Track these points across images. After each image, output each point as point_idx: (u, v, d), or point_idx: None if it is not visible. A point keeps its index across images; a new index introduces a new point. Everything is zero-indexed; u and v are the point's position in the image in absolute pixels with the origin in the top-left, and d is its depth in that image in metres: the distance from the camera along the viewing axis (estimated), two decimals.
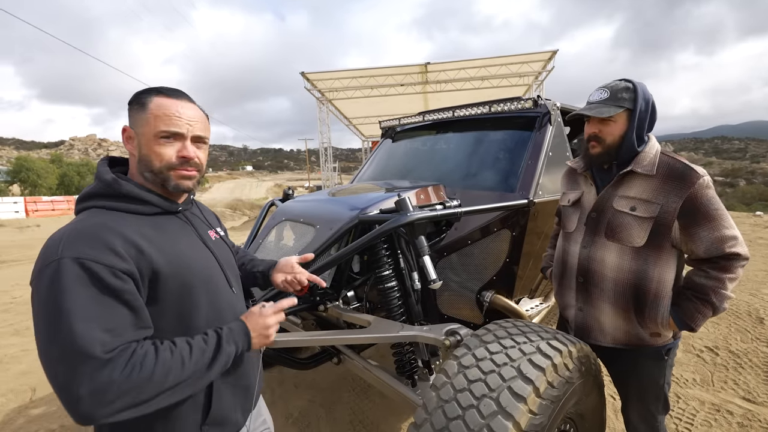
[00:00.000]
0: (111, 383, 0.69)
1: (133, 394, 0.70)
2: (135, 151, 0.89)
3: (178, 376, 0.76)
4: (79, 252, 0.73)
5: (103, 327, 0.71)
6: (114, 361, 0.70)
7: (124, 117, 0.94)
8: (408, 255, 1.76)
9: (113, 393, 0.69)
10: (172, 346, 0.79)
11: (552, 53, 14.46)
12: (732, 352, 3.06)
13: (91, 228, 0.78)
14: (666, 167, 1.28)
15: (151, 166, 0.88)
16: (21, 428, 2.43)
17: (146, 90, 0.90)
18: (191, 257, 0.92)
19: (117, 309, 0.74)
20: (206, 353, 0.82)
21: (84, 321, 0.69)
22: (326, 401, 2.58)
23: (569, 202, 1.54)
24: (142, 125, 0.87)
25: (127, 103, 0.91)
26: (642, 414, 1.47)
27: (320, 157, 20.17)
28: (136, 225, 0.84)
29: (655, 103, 1.35)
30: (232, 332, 0.89)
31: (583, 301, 1.46)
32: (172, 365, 0.76)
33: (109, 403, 0.68)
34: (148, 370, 0.72)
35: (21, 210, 18.42)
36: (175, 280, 0.85)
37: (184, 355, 0.79)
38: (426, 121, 2.85)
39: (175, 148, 0.89)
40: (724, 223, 1.21)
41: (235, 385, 0.99)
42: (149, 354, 0.75)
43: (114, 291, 0.74)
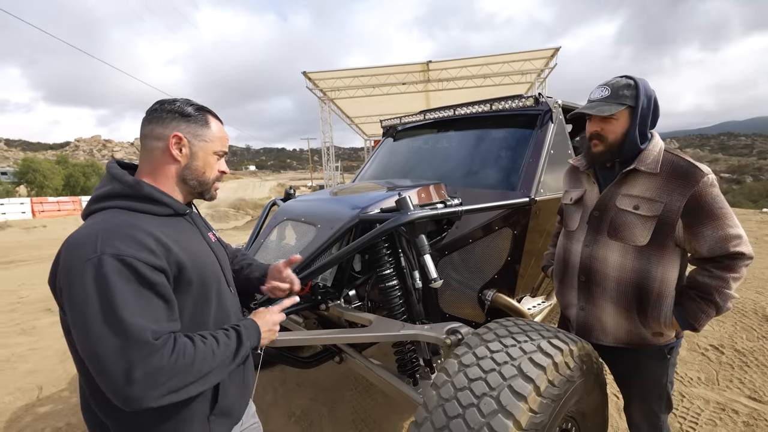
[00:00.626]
0: (161, 368, 0.75)
1: (177, 379, 0.78)
2: (183, 160, 0.97)
3: (211, 364, 0.84)
4: (118, 249, 0.78)
5: (148, 317, 0.77)
6: (163, 348, 0.77)
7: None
8: (409, 254, 1.76)
9: (163, 377, 0.75)
10: (203, 339, 0.87)
11: (554, 50, 14.38)
12: (737, 350, 3.04)
13: (123, 227, 0.83)
14: (670, 165, 1.27)
15: (201, 176, 1.00)
16: (28, 426, 2.46)
17: (199, 107, 1.01)
18: (204, 257, 0.99)
19: (156, 302, 0.80)
20: (230, 347, 0.90)
21: (133, 311, 0.75)
22: (329, 400, 2.59)
23: (571, 200, 1.53)
24: (204, 140, 0.99)
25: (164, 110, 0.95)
26: (645, 413, 1.47)
27: (322, 156, 20.20)
28: (156, 225, 0.89)
29: (657, 100, 1.33)
30: (247, 329, 0.98)
31: (585, 300, 1.45)
32: (207, 354, 0.84)
33: (159, 386, 0.75)
34: (190, 357, 0.80)
35: (27, 211, 18.59)
36: (194, 278, 0.91)
37: (214, 347, 0.86)
38: (427, 120, 2.85)
39: (218, 164, 1.04)
40: (729, 221, 1.20)
41: (238, 379, 1.05)
42: (188, 343, 0.82)
43: (152, 285, 0.80)
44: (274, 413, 2.46)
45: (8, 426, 2.48)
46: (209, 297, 0.97)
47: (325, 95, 17.56)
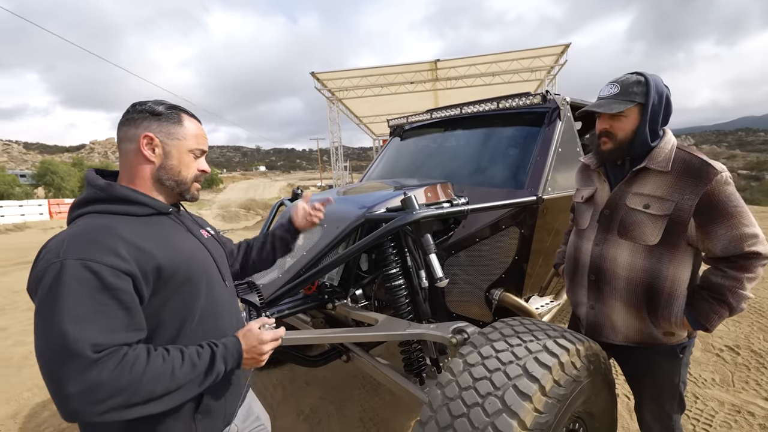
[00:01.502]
0: (99, 383, 0.70)
1: (122, 396, 0.72)
2: (157, 160, 0.95)
3: (167, 385, 0.78)
4: (81, 253, 0.76)
5: (97, 327, 0.73)
6: (104, 362, 0.72)
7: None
8: (415, 253, 1.76)
9: (102, 393, 0.70)
10: (165, 354, 0.81)
11: (564, 47, 14.18)
12: (754, 351, 2.96)
13: (92, 231, 0.82)
14: (682, 163, 1.24)
15: (177, 176, 0.98)
16: (45, 422, 2.53)
17: (171, 105, 0.99)
18: (188, 252, 0.96)
19: (113, 309, 0.76)
20: (197, 368, 0.84)
21: (77, 321, 0.71)
22: (337, 398, 2.61)
23: (582, 198, 1.51)
24: (177, 138, 0.96)
25: (135, 110, 0.94)
26: (657, 413, 1.44)
27: (331, 156, 20.29)
28: (133, 226, 0.88)
29: (669, 96, 1.30)
30: (226, 350, 0.91)
31: (595, 299, 1.43)
32: (162, 372, 0.78)
33: (98, 402, 0.70)
34: (138, 373, 0.74)
35: (45, 212, 19.09)
36: (177, 275, 0.89)
37: (175, 365, 0.80)
38: (434, 119, 2.84)
39: (196, 163, 1.02)
40: (744, 220, 1.16)
41: (224, 378, 1.00)
42: (140, 358, 0.76)
43: (113, 291, 0.76)
44: (282, 411, 2.49)
45: (27, 421, 2.55)
46: (196, 291, 0.94)
47: (334, 95, 17.62)
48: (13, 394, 2.88)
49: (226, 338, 0.95)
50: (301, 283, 1.65)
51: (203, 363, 0.85)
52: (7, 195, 24.55)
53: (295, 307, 1.73)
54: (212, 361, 0.87)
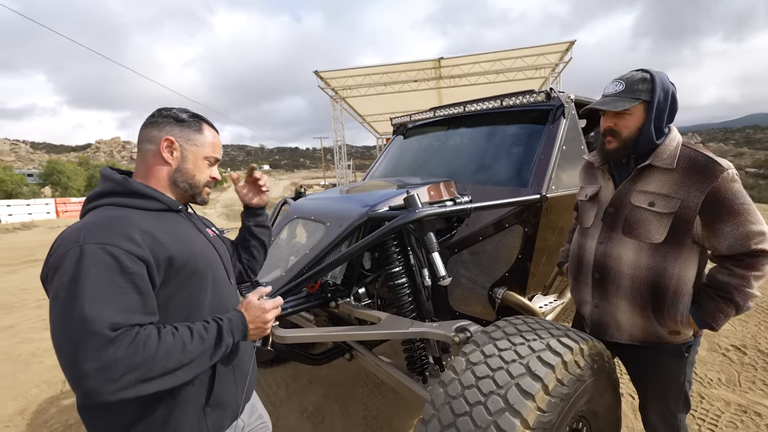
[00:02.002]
0: (116, 361, 0.73)
1: (137, 373, 0.75)
2: (174, 162, 1.00)
3: (180, 359, 0.81)
4: (100, 239, 0.80)
5: (114, 307, 0.76)
6: (119, 340, 0.74)
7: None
8: (418, 251, 1.76)
9: (118, 370, 0.73)
10: (174, 331, 0.84)
11: (569, 44, 14.07)
12: (761, 351, 2.93)
13: (109, 219, 0.86)
14: (687, 160, 1.22)
15: (191, 179, 1.04)
16: (52, 418, 2.56)
17: (194, 114, 1.05)
18: (197, 247, 1.01)
19: (129, 292, 0.80)
20: (206, 341, 0.87)
21: (96, 301, 0.75)
22: (340, 396, 2.62)
23: (586, 196, 1.50)
24: (196, 145, 1.03)
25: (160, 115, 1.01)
26: (661, 413, 1.43)
27: (335, 155, 20.30)
28: (146, 218, 0.92)
29: (675, 94, 1.28)
30: (231, 323, 0.95)
31: (600, 297, 1.42)
32: (174, 348, 0.81)
33: (115, 380, 0.72)
34: (151, 350, 0.77)
35: (52, 211, 19.28)
36: (186, 267, 0.93)
37: (186, 340, 0.83)
38: (437, 117, 2.83)
39: (210, 170, 1.08)
40: (751, 218, 1.15)
41: (234, 371, 1.06)
42: (152, 336, 0.79)
43: (130, 274, 0.80)
44: (286, 409, 2.50)
45: (35, 417, 2.58)
46: (204, 285, 0.98)
47: (337, 94, 17.62)
48: (20, 390, 2.92)
49: (230, 313, 0.98)
50: (304, 281, 1.66)
51: (211, 336, 0.88)
52: (15, 194, 24.82)
53: (298, 305, 1.73)
54: (219, 334, 0.90)
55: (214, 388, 0.98)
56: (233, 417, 1.06)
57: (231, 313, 0.98)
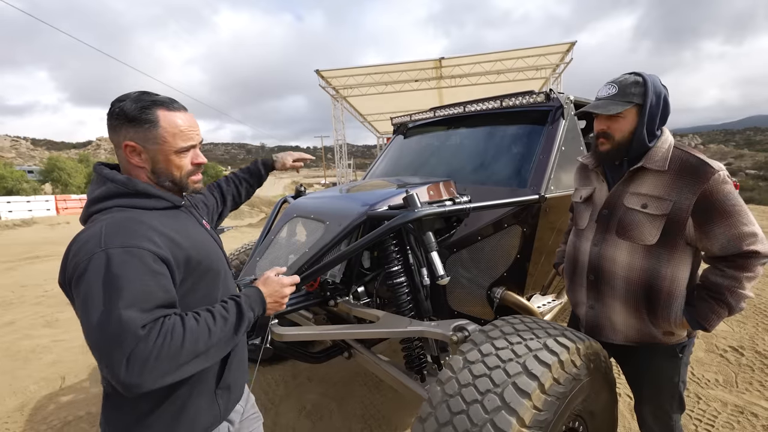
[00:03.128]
0: (149, 354, 0.76)
1: (170, 360, 0.78)
2: (146, 164, 0.94)
3: (207, 341, 0.84)
4: (122, 241, 0.81)
5: (142, 306, 0.78)
6: (149, 334, 0.77)
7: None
8: (417, 251, 1.77)
9: (153, 362, 0.76)
10: (197, 316, 0.86)
11: (570, 45, 14.07)
12: (759, 352, 2.94)
13: (126, 222, 0.86)
14: (679, 162, 1.23)
15: (171, 177, 0.97)
16: (51, 414, 2.57)
17: (146, 104, 0.91)
18: (207, 244, 1.02)
19: (155, 291, 0.81)
20: (229, 320, 0.90)
21: (129, 302, 0.77)
22: (338, 395, 2.62)
23: (581, 198, 1.51)
24: (158, 142, 0.93)
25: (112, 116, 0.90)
26: (656, 413, 1.44)
27: (335, 154, 20.31)
28: (158, 218, 0.92)
29: (667, 97, 1.29)
30: (249, 299, 0.97)
31: (595, 299, 1.43)
32: (200, 332, 0.83)
33: (152, 370, 0.76)
34: (179, 337, 0.80)
35: (52, 208, 19.30)
36: (201, 265, 0.95)
37: (209, 323, 0.86)
38: (437, 117, 2.84)
39: (189, 157, 1.00)
40: (743, 219, 1.16)
41: (238, 356, 1.09)
42: (177, 324, 0.81)
43: (154, 273, 0.82)
44: (284, 407, 2.51)
45: (34, 413, 2.59)
46: (217, 280, 1.01)
47: (338, 93, 17.62)
48: (19, 386, 2.93)
49: (246, 289, 1.00)
50: (304, 279, 1.66)
51: (232, 314, 0.91)
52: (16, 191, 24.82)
53: (297, 303, 1.74)
54: (240, 311, 0.92)
55: (225, 372, 1.01)
56: (237, 400, 1.08)
57: (247, 289, 1.00)
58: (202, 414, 0.96)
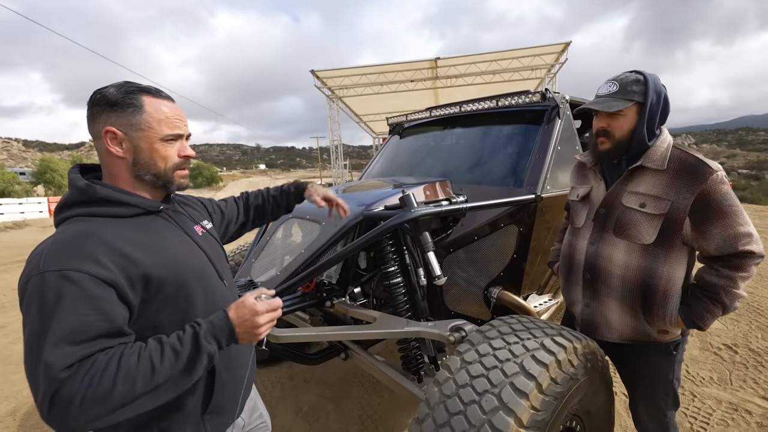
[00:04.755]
0: (74, 396, 0.67)
1: (100, 404, 0.68)
2: (127, 155, 0.86)
3: (149, 381, 0.72)
4: (61, 263, 0.72)
5: (73, 340, 0.70)
6: (74, 375, 0.68)
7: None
8: (413, 251, 1.76)
9: (79, 404, 0.67)
10: (142, 351, 0.74)
11: (565, 45, 14.17)
12: (752, 350, 2.97)
13: (73, 238, 0.77)
14: (677, 162, 1.23)
15: (155, 169, 0.89)
16: (41, 422, 2.54)
17: (130, 89, 0.86)
18: (180, 254, 0.90)
19: (92, 319, 0.72)
20: (182, 355, 0.76)
21: (56, 337, 0.69)
22: (335, 396, 2.61)
23: (578, 197, 1.51)
24: (142, 128, 0.86)
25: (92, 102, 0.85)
26: (651, 410, 1.45)
27: (331, 154, 20.28)
28: (119, 230, 0.83)
29: (667, 96, 1.29)
30: (213, 327, 0.81)
31: (590, 297, 1.44)
32: (139, 371, 0.71)
33: (78, 414, 0.67)
34: (109, 379, 0.69)
35: (45, 210, 19.07)
36: (167, 279, 0.84)
37: (154, 359, 0.73)
38: (433, 117, 2.84)
39: (175, 148, 0.91)
40: (739, 219, 1.17)
41: (233, 375, 1.01)
42: (111, 362, 0.71)
43: (93, 299, 0.72)
44: (281, 409, 2.50)
45: (27, 418, 2.56)
46: (191, 297, 0.89)
47: (334, 93, 17.60)
48: (12, 391, 2.89)
49: (214, 314, 0.84)
50: (300, 280, 1.65)
51: (186, 347, 0.76)
52: (7, 193, 24.53)
53: (294, 304, 1.73)
54: (196, 343, 0.77)
55: (214, 395, 0.93)
56: (231, 420, 1.03)
57: (214, 315, 0.83)
58: None
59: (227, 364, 0.98)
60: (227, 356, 0.97)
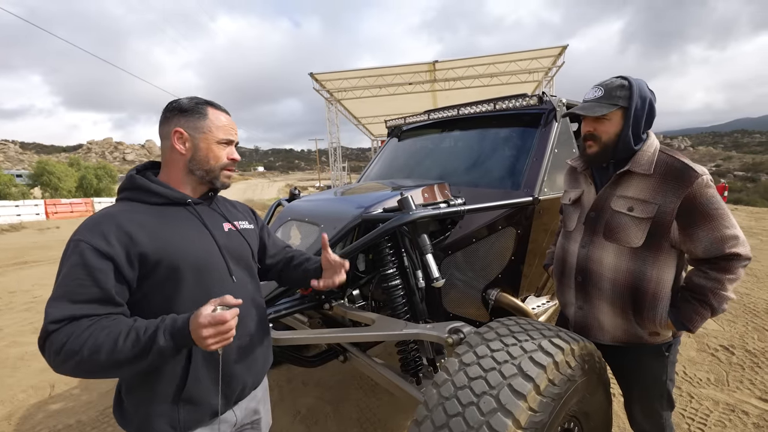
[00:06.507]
0: (55, 347, 0.82)
1: (70, 359, 0.82)
2: (187, 152, 1.05)
3: (109, 356, 0.83)
4: (81, 236, 0.90)
5: (70, 299, 0.85)
6: (58, 331, 0.83)
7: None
8: (412, 253, 1.77)
9: (56, 354, 0.82)
10: (114, 328, 0.85)
11: (562, 48, 14.24)
12: (748, 351, 2.98)
13: (98, 216, 0.95)
14: (664, 166, 1.26)
15: (207, 165, 1.07)
16: (40, 423, 2.52)
17: (199, 101, 1.07)
18: (184, 243, 1.00)
19: (86, 285, 0.86)
20: (141, 341, 0.84)
21: (59, 292, 0.86)
22: (334, 399, 2.61)
23: (570, 200, 1.53)
24: (203, 131, 1.05)
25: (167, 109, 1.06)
26: (646, 411, 1.46)
27: (330, 157, 20.29)
28: (140, 214, 0.98)
29: (653, 101, 1.31)
30: (174, 326, 0.86)
31: (583, 299, 1.45)
32: (103, 345, 0.82)
33: (58, 361, 0.82)
34: (79, 343, 0.82)
35: (42, 212, 18.98)
36: (162, 262, 0.95)
37: (119, 341, 0.83)
38: (431, 120, 2.85)
39: (226, 152, 1.10)
40: (725, 222, 1.19)
41: (216, 371, 1.00)
42: (86, 331, 0.83)
43: (90, 269, 0.87)
44: (279, 412, 2.49)
45: (22, 422, 2.54)
46: (180, 283, 0.97)
47: (332, 96, 17.63)
48: (7, 395, 2.87)
49: (182, 315, 0.88)
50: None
51: (145, 337, 0.84)
52: (4, 195, 24.40)
53: (292, 307, 1.73)
54: (153, 336, 0.84)
55: (187, 385, 0.98)
56: (214, 414, 1.03)
57: (184, 315, 0.88)
58: (156, 418, 0.96)
59: (206, 360, 1.00)
60: (212, 357, 1.00)
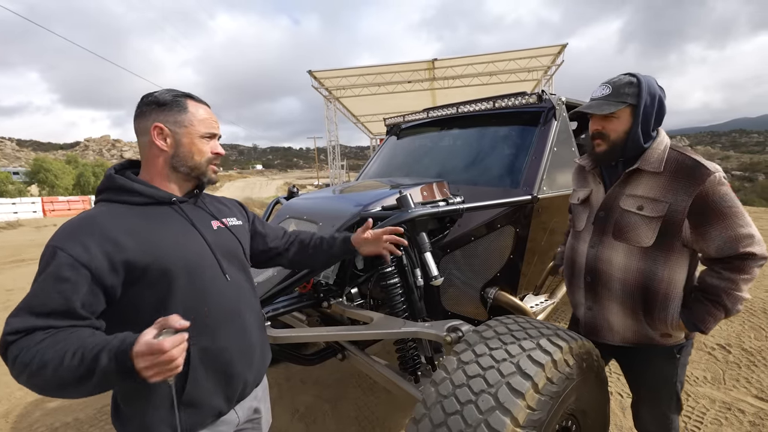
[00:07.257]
0: (11, 358, 0.77)
1: (25, 372, 0.76)
2: (169, 148, 0.99)
3: (55, 373, 0.74)
4: (58, 242, 0.85)
5: (33, 310, 0.80)
6: (15, 343, 0.78)
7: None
8: (411, 251, 1.77)
9: (12, 364, 0.77)
10: (67, 342, 0.77)
11: (561, 47, 14.24)
12: (745, 349, 2.99)
13: (79, 220, 0.90)
14: (675, 163, 1.22)
15: (191, 161, 1.01)
16: (38, 421, 2.51)
17: (177, 94, 1.01)
18: (174, 245, 0.95)
19: (53, 297, 0.81)
20: (85, 361, 0.74)
21: (25, 303, 0.81)
22: (332, 397, 2.61)
23: (578, 200, 1.50)
24: (184, 125, 1.00)
25: (143, 103, 0.99)
26: (654, 413, 1.44)
27: (328, 155, 20.26)
28: (123, 216, 0.93)
29: (662, 98, 1.28)
30: (120, 348, 0.74)
31: (592, 300, 1.43)
32: (50, 361, 0.74)
33: (14, 373, 0.77)
34: (29, 357, 0.76)
35: (39, 210, 18.91)
36: (152, 266, 0.90)
37: (66, 357, 0.74)
38: (430, 118, 2.84)
39: (209, 146, 1.05)
40: (739, 221, 1.14)
41: (216, 372, 1.00)
42: (38, 345, 0.77)
43: (60, 280, 0.81)
44: (277, 410, 2.49)
45: (19, 420, 2.53)
46: (172, 285, 0.92)
47: (331, 94, 17.59)
48: (4, 393, 2.86)
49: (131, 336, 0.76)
50: (297, 281, 1.65)
51: (92, 353, 0.74)
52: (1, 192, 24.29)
53: (291, 305, 1.73)
54: (96, 356, 0.74)
55: (187, 387, 0.94)
56: (216, 416, 1.02)
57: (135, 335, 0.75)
58: (157, 424, 0.93)
59: (206, 362, 0.98)
60: (211, 358, 0.98)
